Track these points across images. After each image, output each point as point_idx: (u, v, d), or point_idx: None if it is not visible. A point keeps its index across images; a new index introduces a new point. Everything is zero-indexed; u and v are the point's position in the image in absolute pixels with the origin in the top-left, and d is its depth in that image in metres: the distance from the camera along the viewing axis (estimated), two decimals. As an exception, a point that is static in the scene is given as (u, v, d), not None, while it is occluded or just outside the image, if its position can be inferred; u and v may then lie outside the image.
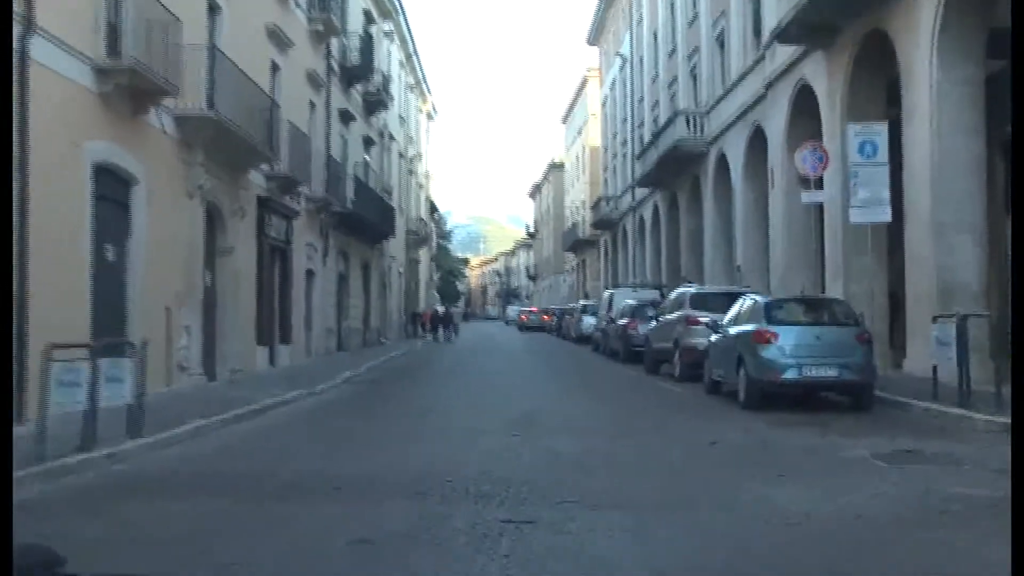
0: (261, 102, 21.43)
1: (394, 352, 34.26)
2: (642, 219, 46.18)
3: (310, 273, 28.81)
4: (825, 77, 20.81)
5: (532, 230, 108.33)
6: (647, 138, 42.12)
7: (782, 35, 21.12)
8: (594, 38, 61.89)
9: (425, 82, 61.25)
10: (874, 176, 15.76)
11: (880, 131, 15.90)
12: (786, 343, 13.30)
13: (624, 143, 51.15)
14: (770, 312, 13.84)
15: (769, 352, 13.28)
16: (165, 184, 17.41)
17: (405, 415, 14.13)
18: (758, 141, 27.03)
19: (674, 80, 38.19)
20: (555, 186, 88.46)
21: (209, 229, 20.23)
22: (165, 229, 17.31)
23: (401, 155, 50.77)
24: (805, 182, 19.52)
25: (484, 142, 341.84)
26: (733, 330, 14.78)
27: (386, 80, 39.77)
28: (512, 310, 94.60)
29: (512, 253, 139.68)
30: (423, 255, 63.43)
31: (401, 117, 50.65)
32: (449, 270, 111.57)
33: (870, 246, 17.78)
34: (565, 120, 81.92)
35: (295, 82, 26.51)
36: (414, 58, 54.49)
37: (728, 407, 14.14)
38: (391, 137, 45.83)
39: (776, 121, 24.54)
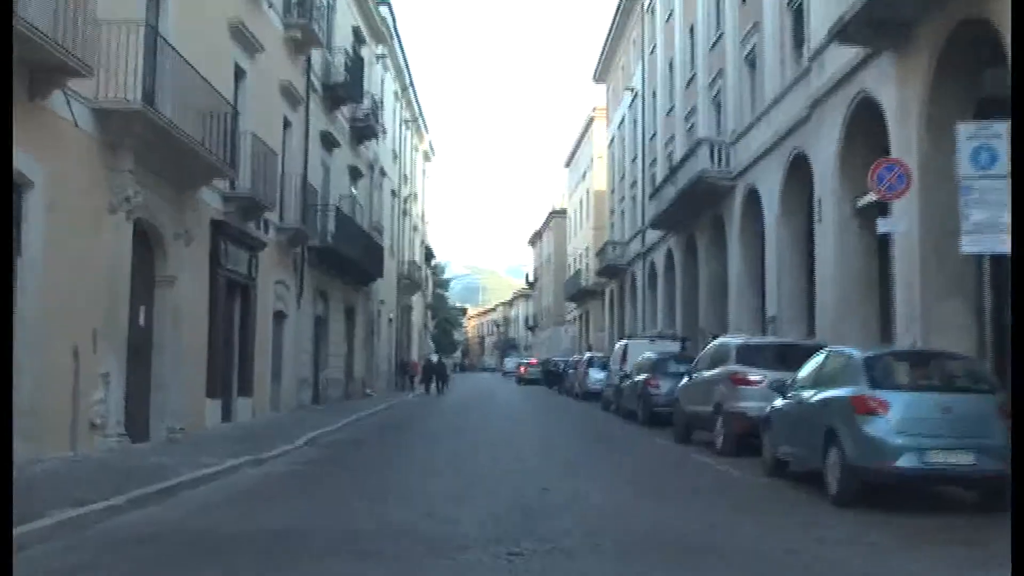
0: (216, 106, 17.83)
1: (379, 406, 30.40)
2: (653, 265, 42.52)
3: (280, 315, 25.04)
4: (895, 85, 17.21)
5: (532, 279, 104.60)
6: (660, 177, 38.63)
7: (842, 34, 17.54)
8: (601, 74, 58.68)
9: (422, 118, 58.02)
10: (991, 193, 12.05)
11: (1000, 133, 12.15)
12: (900, 416, 9.42)
13: (633, 184, 47.63)
14: (873, 371, 9.95)
15: (876, 428, 9.42)
16: (77, 193, 13.73)
17: (360, 508, 10.18)
18: (798, 171, 23.44)
19: (692, 111, 34.72)
20: (556, 233, 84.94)
21: (144, 254, 16.55)
22: (75, 249, 13.61)
23: (394, 193, 47.30)
24: (879, 209, 15.90)
25: (484, 191, 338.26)
26: (813, 395, 10.95)
27: (376, 106, 36.30)
28: (510, 362, 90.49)
29: (511, 303, 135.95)
30: (416, 301, 59.67)
31: (395, 153, 47.27)
32: (446, 319, 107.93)
33: (986, 281, 14.03)
34: (568, 164, 78.57)
35: (265, 93, 22.93)
36: (410, 91, 51.25)
37: (810, 501, 10.25)
38: (383, 172, 42.37)
39: (824, 144, 20.93)
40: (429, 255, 76.54)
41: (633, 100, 47.26)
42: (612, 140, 55.42)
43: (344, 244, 29.62)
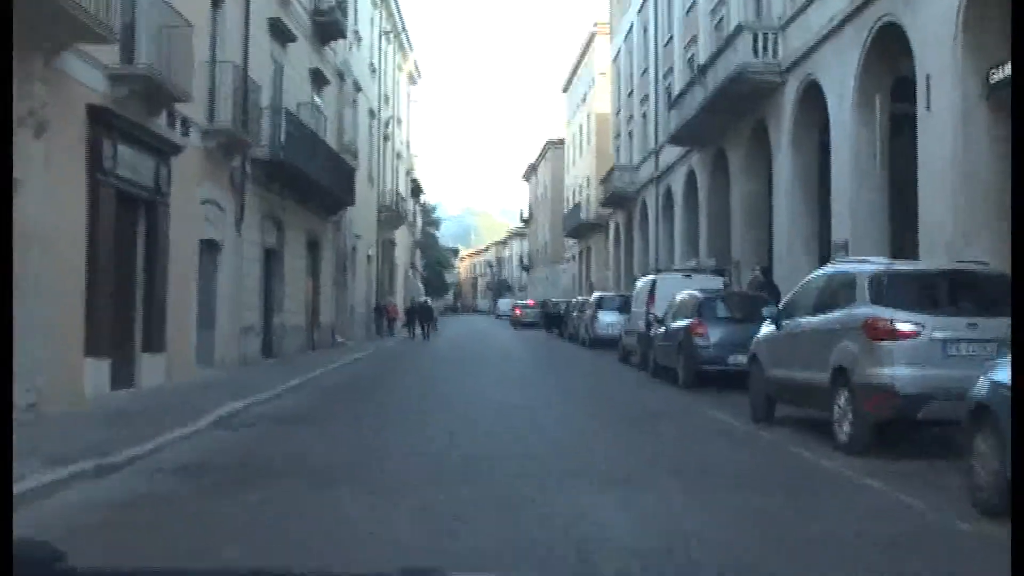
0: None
1: (347, 358, 25.02)
2: (669, 191, 36.89)
3: (211, 245, 19.51)
4: None
5: (526, 216, 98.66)
6: (679, 87, 32.91)
7: None
8: (604, -18, 52.55)
9: (406, 34, 51.90)
10: None
11: None
12: None
13: (644, 100, 41.81)
14: None
15: None
16: None
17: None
18: (882, 49, 17.89)
19: (721, 1, 28.92)
20: (553, 165, 78.91)
21: (-41, 146, 10.98)
22: None
23: (373, 113, 41.49)
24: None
25: (476, 128, 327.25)
26: None
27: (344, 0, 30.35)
28: (504, 303, 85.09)
29: (504, 243, 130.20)
30: (401, 237, 53.99)
31: (373, 67, 41.37)
32: (437, 260, 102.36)
33: None
34: (566, 88, 72.35)
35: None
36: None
37: None
38: (357, 87, 36.51)
39: (936, 3, 15.32)
40: (417, 190, 70.77)
41: (644, 3, 41.28)
42: (617, 54, 49.38)
43: (302, 159, 23.96)
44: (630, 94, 45.49)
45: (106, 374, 14.29)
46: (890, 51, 17.75)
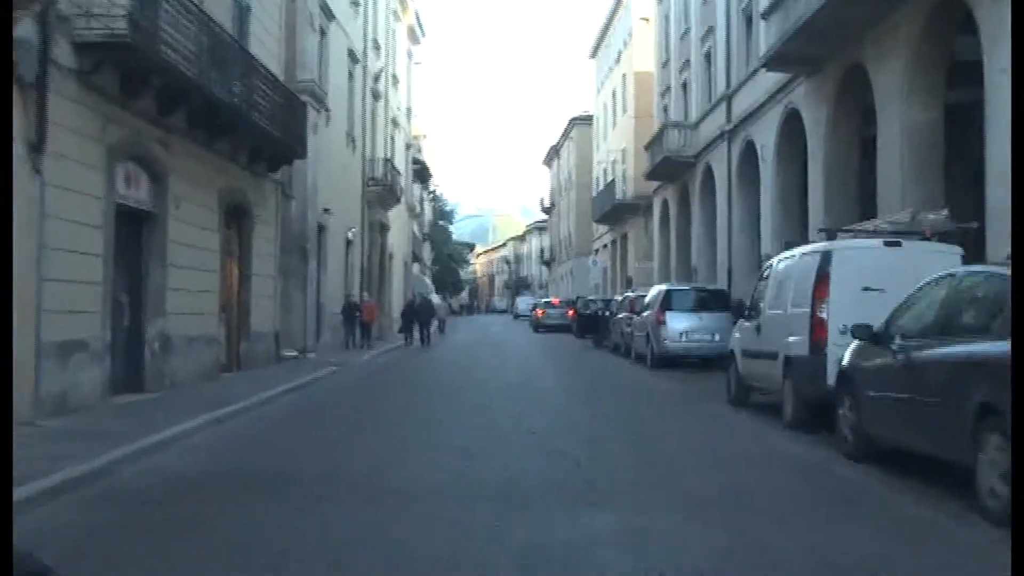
0: None
1: (277, 388, 15.41)
2: (749, 147, 27.02)
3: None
4: None
5: (547, 204, 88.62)
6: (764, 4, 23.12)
7: None
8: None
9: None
10: None
11: None
12: None
13: (707, 35, 31.82)
14: None
15: None
16: None
17: None
18: None
19: None
20: (579, 144, 68.95)
21: None
22: None
23: (355, 57, 31.89)
24: None
25: (491, 122, 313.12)
26: None
27: None
28: (523, 302, 75.19)
29: (522, 238, 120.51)
30: (397, 219, 44.19)
31: (354, -2, 31.84)
32: (450, 255, 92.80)
33: None
34: (595, 53, 62.34)
35: None
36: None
37: None
38: (328, 12, 26.94)
39: None
40: (424, 174, 61.22)
41: (707, -94, 31.39)
42: (665, -12, 39.50)
43: (192, 61, 14.24)
44: (684, 34, 35.52)
45: None
46: None
